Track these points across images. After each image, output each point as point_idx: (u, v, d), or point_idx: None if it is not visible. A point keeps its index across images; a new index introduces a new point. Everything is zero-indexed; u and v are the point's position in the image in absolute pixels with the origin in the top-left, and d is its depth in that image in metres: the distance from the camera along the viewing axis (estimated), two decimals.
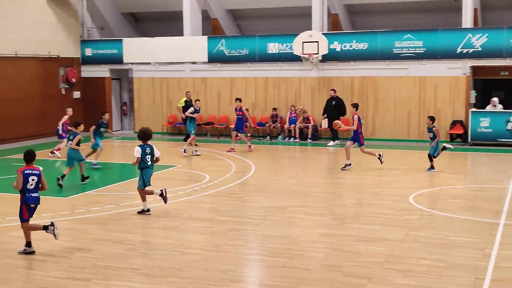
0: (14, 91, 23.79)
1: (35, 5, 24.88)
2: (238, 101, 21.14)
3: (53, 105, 25.66)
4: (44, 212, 12.32)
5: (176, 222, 11.59)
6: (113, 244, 10.15)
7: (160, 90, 26.41)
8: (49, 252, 9.77)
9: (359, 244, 10.10)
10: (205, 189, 14.74)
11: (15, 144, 23.17)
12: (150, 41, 26.60)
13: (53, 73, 26.08)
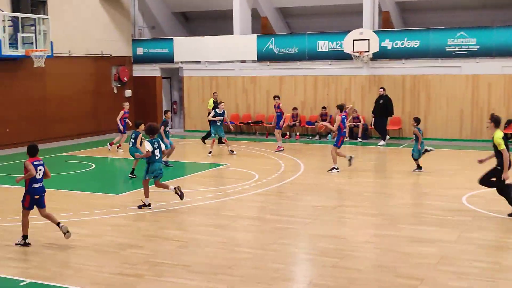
0: (68, 89, 24.30)
1: (88, 5, 25.37)
2: (277, 98, 21.09)
3: (105, 104, 26.13)
4: (97, 208, 12.56)
5: (225, 220, 11.63)
6: (164, 241, 10.26)
7: (210, 89, 26.56)
8: (102, 248, 9.94)
9: (411, 245, 9.94)
10: (254, 187, 14.75)
11: (69, 141, 23.69)
12: (200, 40, 26.78)
13: (105, 72, 26.54)
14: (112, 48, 26.70)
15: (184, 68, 27.06)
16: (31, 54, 18.20)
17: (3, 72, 21.48)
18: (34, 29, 18.71)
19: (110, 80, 26.87)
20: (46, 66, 19.54)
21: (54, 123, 23.62)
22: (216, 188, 14.73)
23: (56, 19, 22.60)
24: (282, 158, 19.15)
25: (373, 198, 13.84)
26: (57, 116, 23.65)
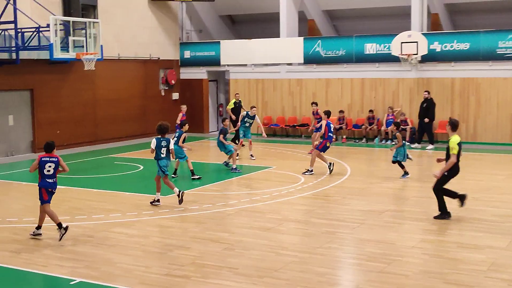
0: (117, 92, 24.71)
1: (137, 9, 25.76)
2: (314, 105, 21.09)
3: (152, 106, 26.47)
4: (145, 210, 12.73)
5: (271, 223, 11.64)
6: (210, 243, 10.32)
7: (256, 92, 26.64)
8: (149, 248, 10.07)
9: (460, 251, 9.76)
10: (300, 191, 14.72)
11: (118, 143, 24.08)
12: (247, 43, 26.88)
13: (153, 74, 26.89)
14: (160, 51, 27.04)
15: (231, 71, 27.20)
16: (81, 57, 18.54)
17: (54, 74, 22.00)
18: (85, 32, 19.06)
19: (158, 83, 27.20)
20: (96, 69, 19.90)
21: (103, 125, 24.04)
22: (262, 190, 14.75)
23: (106, 23, 23.02)
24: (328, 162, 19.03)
25: (421, 202, 13.64)
26: (106, 118, 24.06)
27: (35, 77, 21.35)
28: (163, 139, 13.17)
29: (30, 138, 21.48)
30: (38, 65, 21.08)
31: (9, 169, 18.72)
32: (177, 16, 28.15)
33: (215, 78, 28.88)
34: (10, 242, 10.52)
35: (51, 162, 10.62)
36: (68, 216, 12.30)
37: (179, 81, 28.12)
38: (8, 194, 14.91)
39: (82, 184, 15.61)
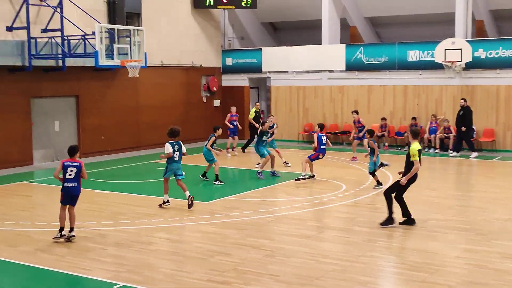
0: (160, 99, 25.00)
1: (180, 17, 26.06)
2: (355, 114, 21.09)
3: (194, 113, 26.70)
4: (187, 215, 12.84)
5: (313, 231, 11.60)
6: (251, 249, 10.35)
7: (297, 99, 26.63)
8: (191, 254, 10.14)
9: (506, 261, 9.57)
10: (342, 198, 14.64)
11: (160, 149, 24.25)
12: (289, 50, 26.91)
13: (195, 82, 27.14)
14: (203, 58, 27.28)
15: (272, 78, 27.26)
16: (126, 64, 18.83)
17: (99, 81, 22.41)
18: (129, 40, 19.37)
19: (200, 90, 27.45)
20: (139, 76, 20.19)
21: (146, 131, 24.35)
22: (303, 198, 14.73)
23: (150, 30, 23.35)
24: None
25: (466, 211, 13.43)
26: (149, 124, 24.36)
27: (81, 84, 21.79)
28: (175, 143, 13.62)
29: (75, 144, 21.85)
30: (84, 72, 21.51)
31: None
32: (220, 23, 28.37)
33: (257, 85, 28.97)
34: (55, 245, 10.73)
35: (73, 167, 10.88)
36: (111, 220, 12.49)
37: (220, 88, 28.31)
38: (53, 198, 15.18)
39: (125, 189, 15.83)
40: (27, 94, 20.17)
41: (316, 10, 26.86)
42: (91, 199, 14.67)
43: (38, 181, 17.72)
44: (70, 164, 10.89)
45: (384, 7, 27.40)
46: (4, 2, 19.20)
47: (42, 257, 10.04)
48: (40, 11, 20.10)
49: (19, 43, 19.08)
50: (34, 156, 20.55)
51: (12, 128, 19.72)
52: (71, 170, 10.86)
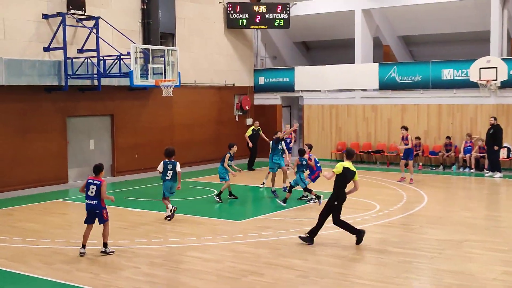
0: (193, 117, 25.19)
1: (213, 37, 26.32)
2: (404, 130, 20.42)
3: (227, 131, 26.82)
4: (219, 234, 12.84)
5: (346, 251, 11.50)
6: (284, 269, 10.29)
7: (330, 117, 26.57)
8: (224, 273, 10.13)
9: None
10: (375, 218, 14.50)
11: (193, 167, 24.46)
12: (321, 69, 26.92)
13: (228, 100, 27.31)
14: (235, 77, 27.46)
15: (304, 97, 27.27)
16: (160, 84, 19.02)
17: (134, 101, 22.70)
18: (163, 60, 19.59)
19: (233, 109, 27.60)
20: (173, 95, 20.38)
21: (179, 149, 24.30)
22: None
23: (183, 50, 23.63)
24: (404, 189, 18.72)
25: (503, 232, 13.16)
26: (182, 142, 24.52)
27: (115, 103, 22.09)
28: (169, 162, 14.28)
29: (109, 162, 22.16)
30: (119, 92, 21.82)
31: None
32: (252, 43, 28.56)
33: (289, 104, 29.01)
34: (89, 264, 10.82)
35: (94, 185, 11.12)
36: (145, 239, 12.56)
37: (253, 106, 28.42)
38: None
39: (158, 207, 15.92)
40: (63, 113, 20.52)
41: (348, 29, 26.87)
42: (125, 218, 14.80)
43: (73, 199, 17.93)
44: (92, 182, 11.16)
45: (417, 26, 27.28)
46: (42, 23, 19.62)
47: (77, 275, 10.14)
48: (76, 32, 20.50)
49: (56, 63, 19.46)
50: (69, 175, 20.84)
51: (48, 146, 20.05)
52: (92, 188, 11.13)
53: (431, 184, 19.80)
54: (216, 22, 26.47)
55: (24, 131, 19.43)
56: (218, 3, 26.52)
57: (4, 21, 18.68)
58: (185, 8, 24.79)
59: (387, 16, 27.35)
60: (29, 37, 19.34)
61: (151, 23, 22.75)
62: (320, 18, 27.93)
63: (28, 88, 19.16)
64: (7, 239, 12.65)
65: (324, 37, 29.90)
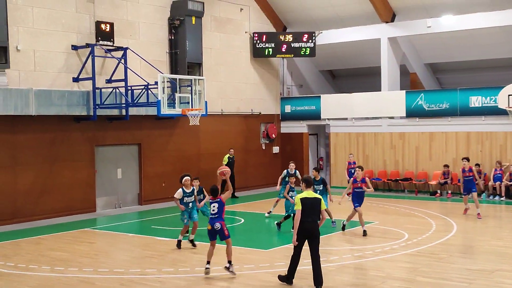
0: (220, 146, 25.28)
1: (240, 66, 26.54)
2: (465, 161, 18.81)
3: (254, 160, 26.87)
4: (246, 263, 12.77)
5: (374, 281, 11.34)
6: None
7: (357, 145, 26.46)
8: None
9: None
10: (404, 247, 14.30)
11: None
12: (347, 97, 26.90)
13: (254, 129, 27.39)
14: (262, 106, 27.57)
15: (331, 125, 27.23)
16: (187, 113, 19.17)
17: (161, 130, 22.89)
18: (191, 89, 19.78)
19: (259, 137, 27.66)
20: (200, 124, 20.52)
21: (207, 178, 24.38)
22: (364, 246, 14.46)
23: (210, 79, 23.85)
24: (433, 218, 18.47)
25: None
26: (210, 171, 24.45)
27: (143, 132, 22.30)
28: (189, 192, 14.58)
29: (137, 191, 22.29)
30: (146, 121, 22.04)
31: (117, 220, 19.43)
32: (278, 71, 28.71)
33: (315, 131, 28.99)
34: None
35: (215, 203, 11.98)
36: (172, 268, 12.54)
37: (279, 135, 28.46)
38: (115, 245, 15.43)
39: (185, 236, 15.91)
40: (91, 142, 20.76)
41: (375, 57, 26.87)
42: (152, 247, 14.81)
43: (101, 228, 18.04)
44: (213, 201, 12.03)
45: (444, 54, 27.18)
46: (72, 55, 20.00)
47: None
48: (105, 62, 20.83)
49: (84, 93, 19.75)
50: (97, 203, 21.00)
51: (76, 175, 20.27)
52: (213, 206, 11.92)
53: (460, 213, 19.50)
54: (242, 51, 26.70)
55: (53, 160, 19.68)
56: (245, 33, 26.78)
57: (34, 53, 19.08)
58: (212, 38, 25.08)
59: (413, 43, 27.32)
60: (59, 68, 19.71)
61: (179, 53, 23.06)
62: (346, 46, 28.00)
63: (57, 118, 19.46)
64: (35, 268, 12.74)
65: (350, 65, 29.94)
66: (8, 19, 17.89)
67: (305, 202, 10.75)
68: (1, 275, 12.19)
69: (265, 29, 27.55)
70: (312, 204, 10.83)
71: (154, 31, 22.81)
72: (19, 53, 18.66)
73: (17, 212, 18.80)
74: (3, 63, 17.66)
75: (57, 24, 19.70)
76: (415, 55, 27.75)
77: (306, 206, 10.74)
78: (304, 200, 10.77)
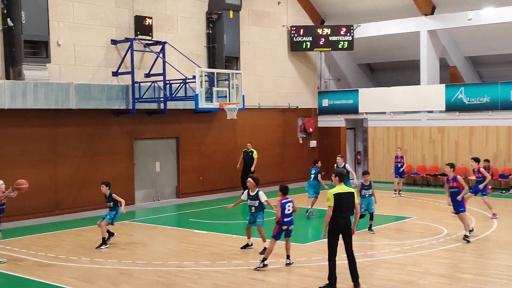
0: (257, 140, 25.29)
1: (277, 60, 26.51)
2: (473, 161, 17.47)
3: (290, 154, 26.84)
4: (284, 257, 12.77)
5: (413, 276, 11.23)
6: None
7: (395, 139, 26.20)
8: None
9: None
10: (443, 243, 14.13)
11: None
12: (386, 91, 26.65)
13: (291, 123, 27.34)
14: (299, 100, 27.50)
15: (369, 119, 27.01)
16: (224, 107, 19.21)
17: (199, 124, 23.03)
18: (228, 83, 19.83)
19: (296, 131, 27.60)
20: (237, 118, 20.57)
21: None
22: (402, 242, 14.32)
23: (248, 73, 23.87)
24: (472, 213, 18.18)
25: None
26: None
27: (181, 126, 22.46)
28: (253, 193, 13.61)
29: (175, 184, 22.49)
30: (184, 115, 22.19)
31: (155, 213, 19.64)
32: (316, 65, 28.59)
33: (353, 126, 28.80)
34: (155, 284, 10.95)
35: (289, 202, 12.13)
36: (209, 261, 12.63)
37: (316, 129, 28.36)
38: (153, 237, 15.60)
39: (223, 229, 16.01)
40: (130, 136, 21.00)
41: (414, 50, 26.55)
42: (190, 239, 14.94)
43: (140, 221, 18.26)
44: (287, 201, 12.12)
45: (485, 46, 26.69)
46: (111, 49, 20.25)
47: None
48: (143, 56, 21.04)
49: (124, 87, 19.98)
50: (136, 196, 21.25)
51: (116, 168, 20.53)
52: (289, 206, 12.07)
53: (500, 208, 19.15)
54: (280, 45, 26.66)
55: (92, 153, 19.98)
56: (282, 26, 26.72)
57: (75, 47, 19.37)
58: (250, 32, 25.10)
59: (453, 36, 26.90)
60: (98, 62, 19.97)
61: (216, 47, 23.14)
62: (385, 39, 27.73)
63: (96, 111, 19.74)
64: (76, 259, 12.97)
65: (388, 58, 29.64)
66: (49, 14, 18.20)
67: (339, 197, 10.31)
68: (42, 266, 12.45)
69: (302, 23, 27.44)
70: (347, 199, 10.37)
71: (192, 25, 22.94)
72: (60, 47, 18.97)
73: (58, 204, 19.15)
74: (45, 58, 18.00)
75: (97, 19, 19.96)
76: (455, 48, 27.32)
77: (342, 202, 10.30)
78: (338, 195, 10.31)
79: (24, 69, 17.58)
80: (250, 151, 23.08)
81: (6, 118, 17.79)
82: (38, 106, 17.87)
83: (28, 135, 18.43)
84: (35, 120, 18.51)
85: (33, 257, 13.22)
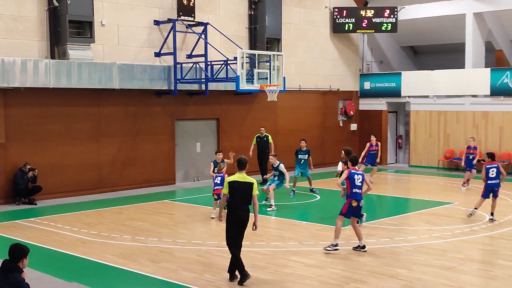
0: (297, 122, 25.27)
1: (319, 42, 26.30)
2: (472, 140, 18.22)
3: (331, 136, 26.71)
4: (322, 240, 12.79)
5: (453, 262, 11.12)
6: (388, 279, 10.09)
7: (438, 124, 25.82)
8: (327, 280, 10.07)
9: None
10: (485, 229, 13.93)
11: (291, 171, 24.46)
12: (429, 74, 26.22)
13: (332, 105, 27.16)
14: (340, 82, 27.29)
15: (411, 102, 26.66)
16: (265, 89, 19.20)
17: (240, 105, 23.07)
18: (269, 65, 19.77)
19: (337, 114, 27.43)
20: (278, 100, 20.53)
21: (283, 154, 24.48)
22: (443, 227, 14.17)
23: (289, 55, 23.76)
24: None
25: None
26: (286, 147, 24.58)
27: (222, 107, 22.54)
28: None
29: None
30: (225, 96, 22.26)
31: (195, 193, 19.82)
32: (358, 47, 28.28)
33: (395, 109, 28.46)
34: (194, 263, 11.09)
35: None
36: (248, 241, 12.69)
37: (357, 112, 28.13)
38: (193, 217, 15.77)
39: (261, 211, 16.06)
40: (172, 116, 21.18)
41: (459, 33, 26.04)
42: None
43: (180, 200, 18.48)
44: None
45: None
46: (154, 30, 20.38)
47: (182, 274, 10.42)
48: (186, 37, 21.12)
49: (166, 68, 20.12)
50: (176, 176, 21.47)
51: (157, 148, 20.77)
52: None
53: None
54: (322, 26, 26.43)
55: (135, 133, 20.23)
56: (325, 8, 26.47)
57: (118, 28, 19.56)
58: (291, 13, 24.94)
59: (500, 19, 26.25)
60: (141, 42, 20.14)
61: (258, 28, 23.08)
62: (429, 22, 27.24)
63: (139, 92, 19.94)
64: (117, 237, 13.21)
65: (433, 41, 29.11)
66: None
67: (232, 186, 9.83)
68: (85, 242, 12.72)
69: (345, 4, 27.12)
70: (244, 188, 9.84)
71: (234, 7, 22.90)
72: (104, 28, 19.17)
73: (101, 182, 19.49)
74: (89, 38, 18.22)
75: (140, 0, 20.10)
76: (501, 31, 26.67)
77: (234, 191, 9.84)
78: (231, 184, 9.84)
79: (69, 49, 17.83)
80: (264, 135, 21.72)
81: (51, 97, 18.13)
82: (82, 86, 18.15)
83: (72, 114, 18.74)
84: (79, 99, 18.81)
85: (76, 234, 13.51)
